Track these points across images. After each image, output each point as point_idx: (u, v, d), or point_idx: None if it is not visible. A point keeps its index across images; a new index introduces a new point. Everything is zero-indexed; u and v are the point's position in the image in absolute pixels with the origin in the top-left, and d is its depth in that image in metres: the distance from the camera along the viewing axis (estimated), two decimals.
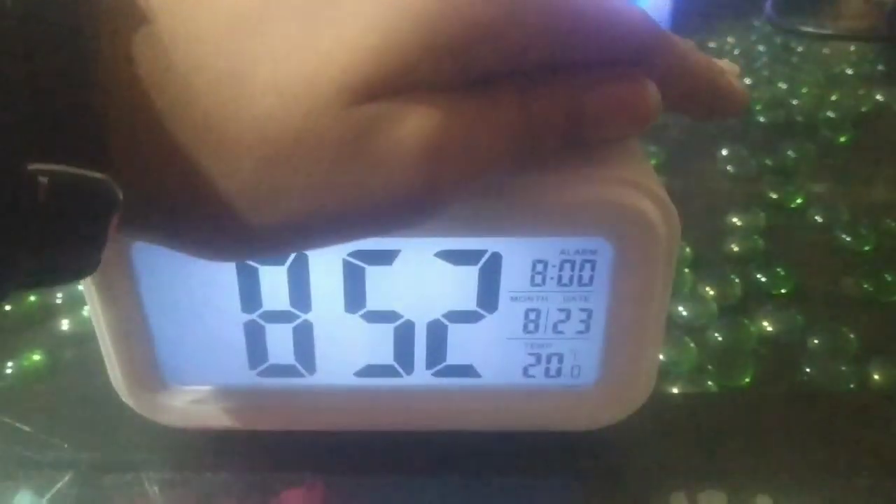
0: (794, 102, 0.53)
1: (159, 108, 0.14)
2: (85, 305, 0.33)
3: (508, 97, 0.17)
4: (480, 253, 0.21)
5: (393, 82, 0.15)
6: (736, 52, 0.62)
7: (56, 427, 0.27)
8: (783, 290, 0.35)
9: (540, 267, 0.21)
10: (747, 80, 0.57)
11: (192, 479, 0.25)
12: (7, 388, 0.29)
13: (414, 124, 0.15)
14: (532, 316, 0.22)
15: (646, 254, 0.20)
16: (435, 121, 0.15)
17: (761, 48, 0.63)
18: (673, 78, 0.19)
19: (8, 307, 0.34)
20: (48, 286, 0.15)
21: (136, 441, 0.26)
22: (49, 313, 0.33)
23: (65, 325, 0.33)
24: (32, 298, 0.34)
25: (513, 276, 0.21)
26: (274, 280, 0.21)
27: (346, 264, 0.21)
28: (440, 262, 0.21)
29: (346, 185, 0.15)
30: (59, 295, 0.34)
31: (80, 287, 0.34)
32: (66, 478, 0.25)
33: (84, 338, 0.32)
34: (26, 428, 0.27)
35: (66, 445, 0.26)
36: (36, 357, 0.31)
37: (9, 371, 0.30)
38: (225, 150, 0.15)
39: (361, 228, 0.17)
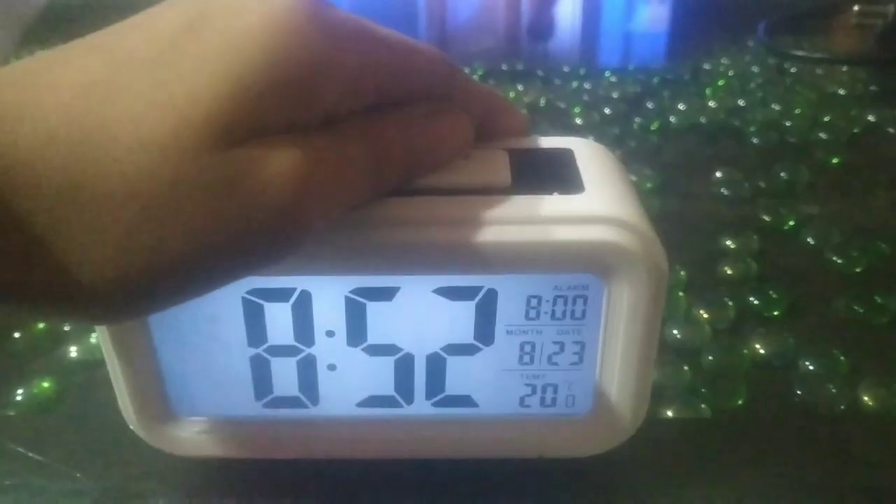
0: (788, 124, 0.54)
1: (10, 186, 0.15)
2: (93, 332, 0.34)
3: (354, 133, 0.19)
4: (477, 289, 0.22)
5: (250, 124, 0.17)
6: (731, 73, 0.63)
7: (68, 456, 0.27)
8: (776, 313, 0.35)
9: (534, 302, 0.22)
10: (741, 102, 0.58)
11: None
12: (18, 417, 0.30)
13: (278, 164, 0.17)
14: (527, 348, 0.23)
15: (634, 289, 0.21)
16: (297, 160, 0.17)
17: (755, 69, 0.64)
18: (468, 103, 0.23)
19: (17, 334, 0.34)
20: None
21: (147, 470, 0.26)
22: (57, 340, 0.34)
23: (73, 352, 0.33)
24: (41, 326, 0.35)
25: (508, 311, 0.22)
26: (279, 316, 0.22)
27: (348, 300, 0.22)
28: (438, 298, 0.22)
29: (223, 224, 0.16)
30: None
31: None
32: None
33: (92, 364, 0.32)
34: (39, 457, 0.27)
35: (77, 475, 0.26)
36: (45, 384, 0.31)
37: (19, 398, 0.30)
38: (97, 208, 0.15)
39: (243, 265, 0.18)
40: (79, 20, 0.78)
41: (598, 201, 0.21)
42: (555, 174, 0.22)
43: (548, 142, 0.24)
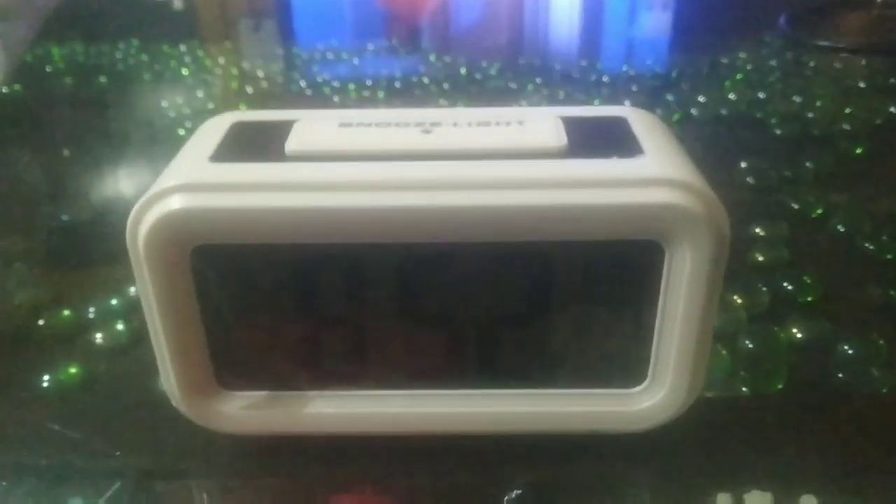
0: (810, 115, 0.54)
1: None
2: (119, 320, 0.33)
3: None
4: (532, 256, 0.21)
5: None
6: (749, 66, 0.63)
7: (104, 435, 0.27)
8: (810, 298, 0.35)
9: (591, 269, 0.21)
10: (761, 95, 0.57)
11: (241, 486, 0.25)
12: (49, 400, 0.29)
13: None
14: (583, 318, 0.22)
15: (697, 255, 0.20)
16: None
17: (773, 63, 0.64)
18: None
19: (41, 321, 0.34)
20: None
21: (185, 448, 0.26)
22: (83, 327, 0.33)
23: (98, 338, 0.33)
24: (66, 313, 0.34)
25: (564, 279, 0.22)
26: (328, 285, 0.22)
27: (400, 269, 0.21)
28: (493, 266, 0.21)
29: None
30: (92, 309, 0.35)
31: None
32: (117, 485, 0.25)
33: (118, 351, 0.32)
34: (76, 435, 0.27)
35: (117, 453, 0.26)
36: (72, 370, 0.31)
37: (45, 384, 0.30)
38: None
39: None
40: (95, 15, 0.78)
41: (658, 164, 0.20)
42: (611, 139, 0.22)
43: (599, 110, 0.24)
